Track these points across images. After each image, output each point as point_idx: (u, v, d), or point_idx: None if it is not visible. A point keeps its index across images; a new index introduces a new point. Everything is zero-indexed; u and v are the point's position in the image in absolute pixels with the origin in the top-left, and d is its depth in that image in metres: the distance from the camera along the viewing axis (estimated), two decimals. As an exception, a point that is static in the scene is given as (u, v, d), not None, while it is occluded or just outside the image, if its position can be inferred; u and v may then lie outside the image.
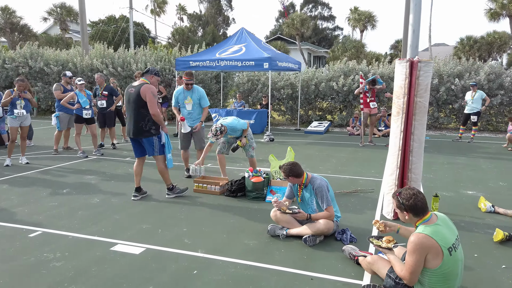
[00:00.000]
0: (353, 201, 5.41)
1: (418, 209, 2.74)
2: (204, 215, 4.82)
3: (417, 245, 2.59)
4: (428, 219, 2.73)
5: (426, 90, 4.42)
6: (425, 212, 2.76)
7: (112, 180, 6.43)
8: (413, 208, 2.74)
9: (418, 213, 2.75)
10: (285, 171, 4.08)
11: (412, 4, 4.59)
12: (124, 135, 10.71)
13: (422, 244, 2.59)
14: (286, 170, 4.08)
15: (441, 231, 2.65)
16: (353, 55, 28.57)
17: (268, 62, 10.65)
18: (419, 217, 2.76)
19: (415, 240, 2.61)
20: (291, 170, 4.07)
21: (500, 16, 28.10)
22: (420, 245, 2.59)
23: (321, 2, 57.22)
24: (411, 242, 2.64)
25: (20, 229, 4.31)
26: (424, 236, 2.60)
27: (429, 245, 2.58)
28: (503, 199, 5.57)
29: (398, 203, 2.83)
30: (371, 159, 8.38)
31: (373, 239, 3.08)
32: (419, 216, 2.76)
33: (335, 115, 14.87)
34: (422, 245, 2.58)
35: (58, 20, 36.73)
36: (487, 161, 8.25)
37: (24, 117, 7.46)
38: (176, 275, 3.32)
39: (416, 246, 2.60)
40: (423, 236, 2.60)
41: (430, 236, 2.60)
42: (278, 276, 3.31)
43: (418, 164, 4.60)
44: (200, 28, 49.90)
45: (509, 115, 13.46)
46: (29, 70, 16.76)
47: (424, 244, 2.58)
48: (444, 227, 2.70)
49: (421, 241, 2.59)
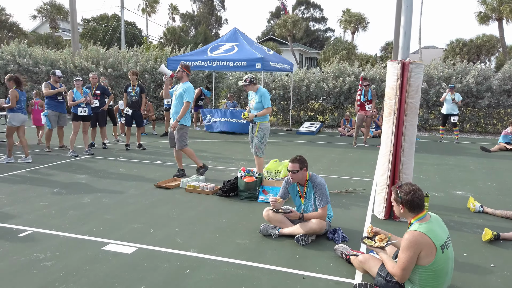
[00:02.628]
0: (344, 201, 5.45)
1: (414, 205, 2.78)
2: (196, 215, 4.81)
3: (411, 242, 2.63)
4: (423, 217, 2.78)
5: (417, 91, 4.48)
6: (421, 209, 2.80)
7: (103, 180, 6.39)
8: (409, 203, 2.78)
9: (414, 209, 2.79)
10: (300, 161, 3.97)
11: (404, 6, 4.64)
12: (115, 135, 10.63)
13: (416, 241, 2.63)
14: (301, 160, 3.97)
15: (434, 229, 2.70)
16: (344, 57, 28.73)
17: (260, 63, 10.68)
18: (414, 214, 2.80)
19: (410, 238, 2.65)
20: (304, 160, 4.00)
21: (490, 19, 28.50)
22: (414, 242, 2.63)
23: (313, 4, 57.45)
24: (405, 239, 2.68)
25: (10, 228, 4.25)
26: (419, 234, 2.65)
27: (423, 242, 2.62)
28: (491, 199, 5.66)
29: (396, 196, 2.86)
30: (362, 160, 8.45)
31: (366, 239, 3.11)
32: (414, 212, 2.80)
33: (327, 116, 14.95)
34: (416, 242, 2.63)
35: (48, 18, 36.31)
36: (476, 162, 8.37)
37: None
38: (168, 274, 3.31)
39: (410, 243, 2.63)
40: (418, 234, 2.65)
41: (424, 234, 2.64)
42: (270, 275, 3.32)
43: (409, 164, 4.66)
44: (192, 28, 49.73)
45: (497, 116, 13.71)
46: (18, 68, 16.55)
47: (419, 242, 2.62)
48: (437, 225, 2.76)
49: (415, 239, 2.63)
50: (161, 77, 15.13)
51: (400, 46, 4.69)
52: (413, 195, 2.78)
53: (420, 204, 2.78)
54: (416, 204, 2.78)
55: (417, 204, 2.78)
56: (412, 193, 2.79)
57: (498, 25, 27.79)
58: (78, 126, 8.34)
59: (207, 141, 10.83)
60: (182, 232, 4.23)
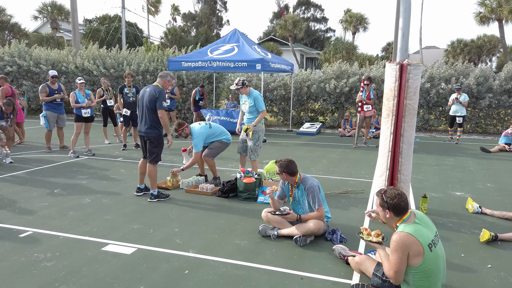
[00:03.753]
0: (343, 202, 5.47)
1: (400, 209, 2.83)
2: (196, 216, 4.84)
3: (399, 243, 2.67)
4: (407, 218, 2.83)
5: (415, 92, 4.50)
6: (405, 211, 2.84)
7: (104, 181, 6.42)
8: (396, 208, 2.83)
9: (400, 212, 2.84)
10: (281, 166, 4.09)
11: (402, 8, 4.66)
12: (118, 136, 10.67)
13: (403, 242, 2.66)
14: (282, 165, 4.09)
15: (420, 229, 2.74)
16: (344, 57, 28.74)
17: (260, 64, 10.69)
18: (399, 217, 2.85)
19: (397, 239, 2.69)
20: (287, 166, 4.08)
21: (489, 20, 28.46)
22: (402, 243, 2.66)
23: (313, 4, 57.45)
24: (393, 241, 2.71)
25: (10, 229, 4.28)
26: (405, 235, 2.69)
27: (410, 243, 2.66)
28: (490, 200, 5.67)
29: (382, 201, 2.90)
30: (362, 161, 8.46)
31: (363, 234, 3.13)
32: (399, 215, 2.85)
33: (327, 117, 14.96)
34: (403, 243, 2.66)
35: (49, 18, 36.36)
36: (475, 163, 8.38)
37: None
38: (168, 275, 3.33)
39: (398, 244, 2.67)
40: (404, 235, 2.69)
41: (410, 234, 2.68)
42: (268, 275, 3.35)
43: (408, 165, 4.67)
44: (193, 28, 49.79)
45: (498, 117, 13.70)
46: (18, 69, 16.60)
47: (406, 242, 2.66)
48: (422, 225, 2.80)
49: (402, 239, 2.67)
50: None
51: (399, 48, 4.72)
52: (399, 199, 2.83)
53: (406, 207, 2.84)
54: (402, 208, 2.83)
55: (403, 208, 2.84)
56: (398, 197, 2.83)
57: (499, 26, 27.75)
58: (80, 127, 8.36)
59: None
60: (182, 233, 4.26)
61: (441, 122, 13.90)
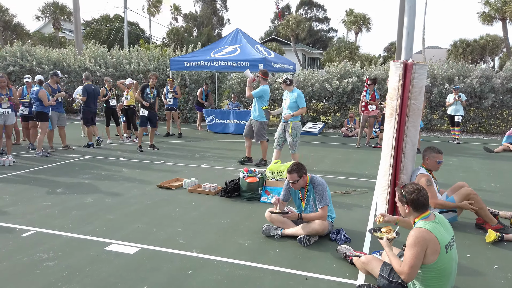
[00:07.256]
0: (347, 202, 5.44)
1: (419, 204, 2.79)
2: (199, 215, 4.82)
3: (418, 238, 2.63)
4: (427, 216, 2.79)
5: (420, 92, 4.46)
6: (425, 209, 2.81)
7: (106, 180, 6.40)
8: (414, 202, 2.79)
9: (419, 208, 2.80)
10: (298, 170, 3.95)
11: (407, 6, 4.62)
12: (121, 135, 10.66)
13: (423, 238, 2.63)
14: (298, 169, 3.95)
15: (439, 228, 2.71)
16: (347, 57, 28.68)
17: (263, 63, 10.66)
18: (419, 213, 2.81)
19: (416, 234, 2.65)
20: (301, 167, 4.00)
21: (493, 20, 28.35)
22: (421, 238, 2.63)
23: (316, 4, 57.39)
24: (411, 235, 2.67)
25: (13, 228, 4.27)
26: (424, 230, 2.65)
27: (429, 239, 2.63)
28: (495, 200, 5.63)
29: (401, 196, 2.87)
30: (365, 160, 8.42)
31: (377, 232, 3.09)
32: (418, 211, 2.81)
33: (329, 117, 14.92)
34: (422, 238, 2.63)
35: (51, 18, 36.42)
36: (479, 163, 8.34)
37: (8, 115, 7.45)
38: (171, 275, 3.31)
39: (417, 239, 2.63)
40: (424, 230, 2.66)
41: (430, 231, 2.65)
42: (272, 275, 3.32)
43: (410, 165, 4.64)
44: (195, 28, 49.79)
45: (501, 117, 13.64)
46: (20, 69, 16.62)
47: (425, 238, 2.63)
48: (441, 225, 2.76)
49: (422, 235, 2.64)
50: (164, 77, 15.15)
51: (403, 47, 4.68)
52: (417, 194, 2.79)
53: (425, 203, 2.79)
54: (421, 203, 2.79)
55: (422, 203, 2.78)
56: (417, 192, 2.80)
57: (502, 25, 27.65)
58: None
59: (209, 141, 10.84)
60: (185, 233, 4.24)
61: (444, 122, 13.83)
